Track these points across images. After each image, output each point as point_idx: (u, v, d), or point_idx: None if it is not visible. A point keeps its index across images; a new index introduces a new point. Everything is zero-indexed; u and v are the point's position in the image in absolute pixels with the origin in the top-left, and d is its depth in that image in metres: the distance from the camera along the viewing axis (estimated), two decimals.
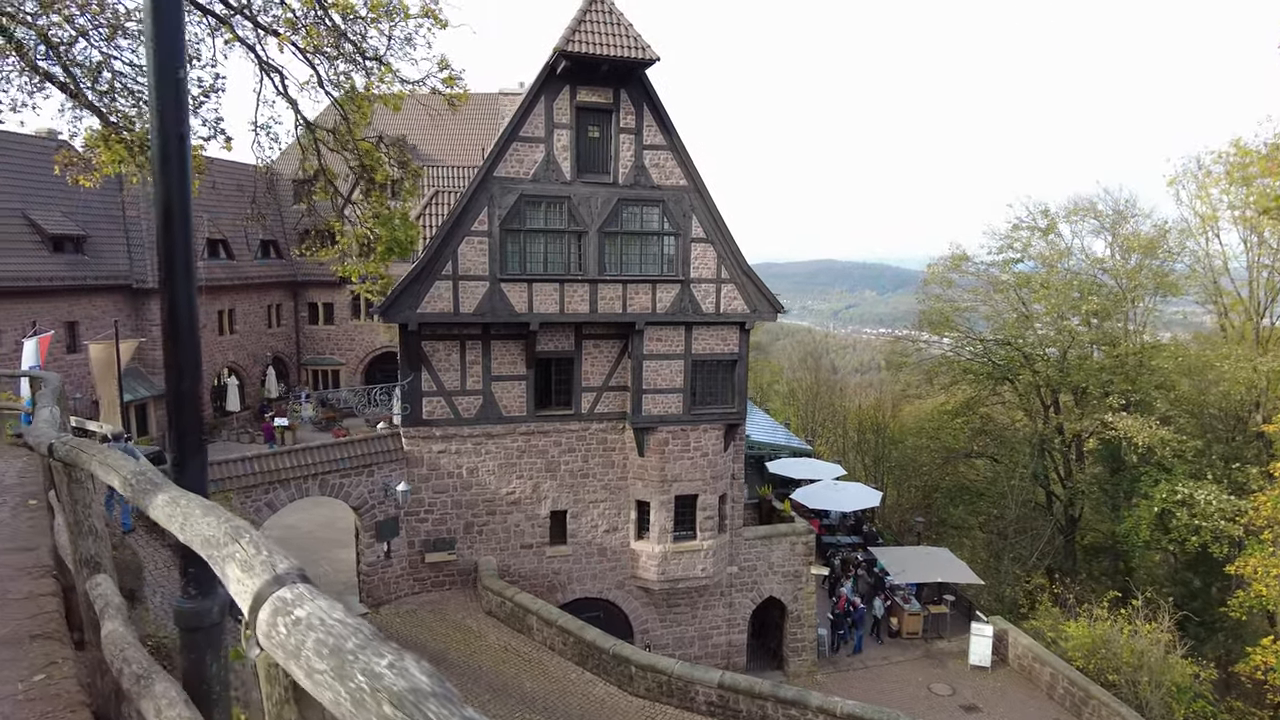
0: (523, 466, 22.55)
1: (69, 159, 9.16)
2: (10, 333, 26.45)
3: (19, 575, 5.52)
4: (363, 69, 8.86)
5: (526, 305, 21.05)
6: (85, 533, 3.29)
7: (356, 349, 39.65)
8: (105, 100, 8.89)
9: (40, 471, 9.64)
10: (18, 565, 5.75)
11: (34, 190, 28.87)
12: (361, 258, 10.27)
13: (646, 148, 21.31)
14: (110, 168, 10.17)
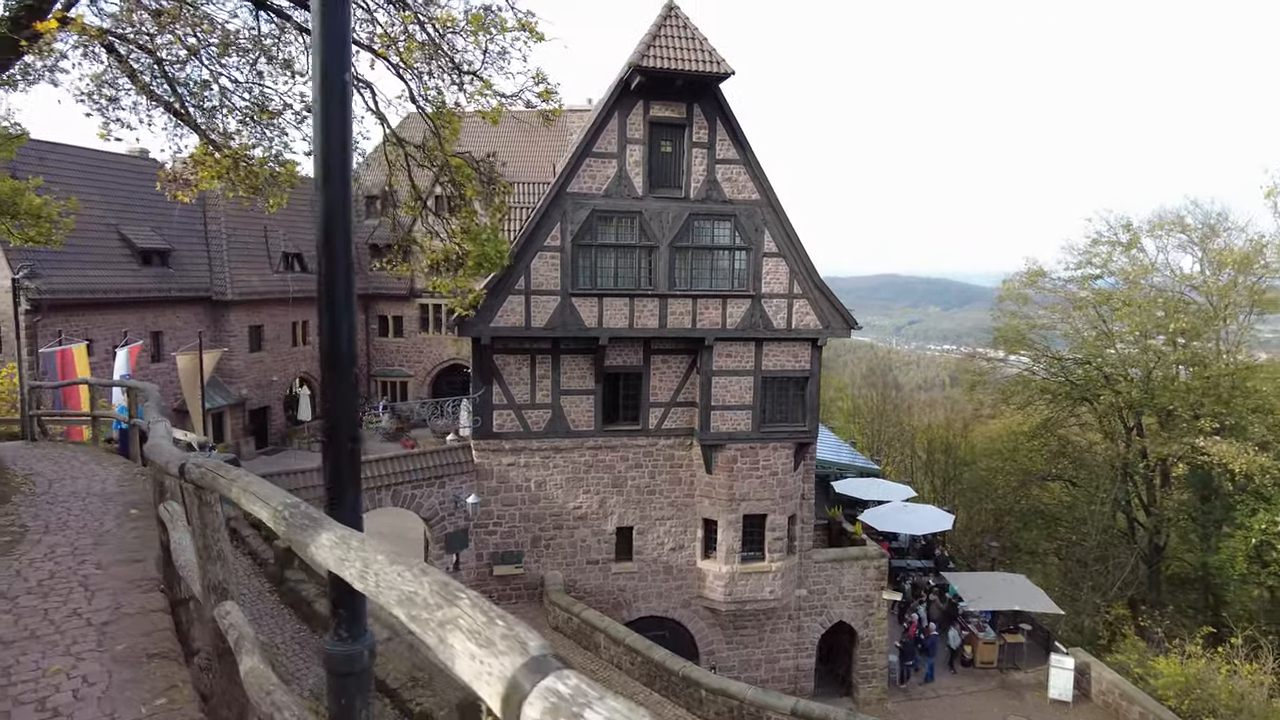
0: (590, 481, 22.45)
1: (174, 175, 9.40)
2: (102, 341, 27.56)
3: (129, 588, 5.54)
4: (456, 83, 8.88)
5: (596, 320, 21.00)
6: (214, 558, 3.21)
7: (424, 361, 40.28)
8: (208, 118, 9.12)
9: (143, 481, 9.88)
10: (128, 577, 5.78)
11: (126, 206, 30.15)
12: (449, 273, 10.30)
13: (719, 162, 21.12)
14: (207, 184, 10.40)
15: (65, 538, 7.13)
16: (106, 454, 13.24)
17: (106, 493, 9.18)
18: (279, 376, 35.10)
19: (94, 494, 9.13)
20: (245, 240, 33.89)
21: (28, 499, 8.83)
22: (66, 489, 9.37)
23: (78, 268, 27.00)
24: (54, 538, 7.15)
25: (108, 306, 28.00)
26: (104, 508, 8.43)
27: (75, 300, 26.49)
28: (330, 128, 2.23)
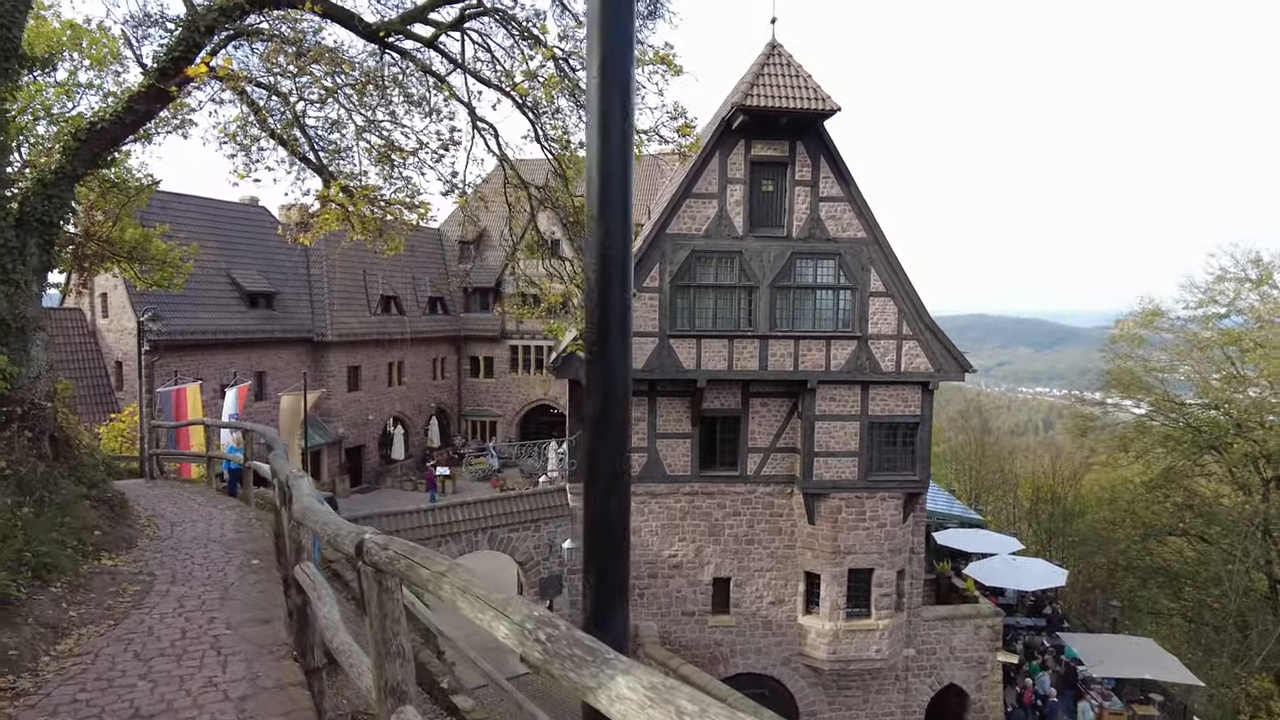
0: (685, 528, 21.71)
1: (300, 217, 9.40)
2: (210, 380, 28.56)
3: (262, 654, 5.18)
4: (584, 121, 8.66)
5: (694, 361, 20.46)
6: (393, 654, 2.74)
7: (513, 401, 40.47)
8: (335, 159, 9.11)
9: (259, 528, 9.76)
10: (259, 641, 5.43)
11: (236, 251, 31.49)
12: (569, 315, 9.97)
13: (823, 199, 20.48)
14: (328, 227, 10.39)
15: (192, 589, 6.91)
16: (219, 494, 13.31)
17: (226, 539, 9.04)
18: (374, 416, 35.73)
19: (214, 540, 9.00)
20: (345, 284, 34.89)
21: (153, 544, 8.75)
22: (188, 534, 9.29)
23: (191, 310, 28.18)
24: (181, 589, 6.94)
25: (216, 347, 29.08)
26: (225, 556, 8.25)
27: (187, 341, 27.60)
28: (609, 164, 1.75)
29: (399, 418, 37.52)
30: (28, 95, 15.01)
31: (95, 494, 9.10)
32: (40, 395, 8.35)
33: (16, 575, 6.16)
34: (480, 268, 41.30)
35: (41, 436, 8.36)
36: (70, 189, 8.69)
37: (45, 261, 8.55)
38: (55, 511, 7.63)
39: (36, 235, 8.42)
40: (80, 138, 8.63)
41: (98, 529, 8.27)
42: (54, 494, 7.93)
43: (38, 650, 5.20)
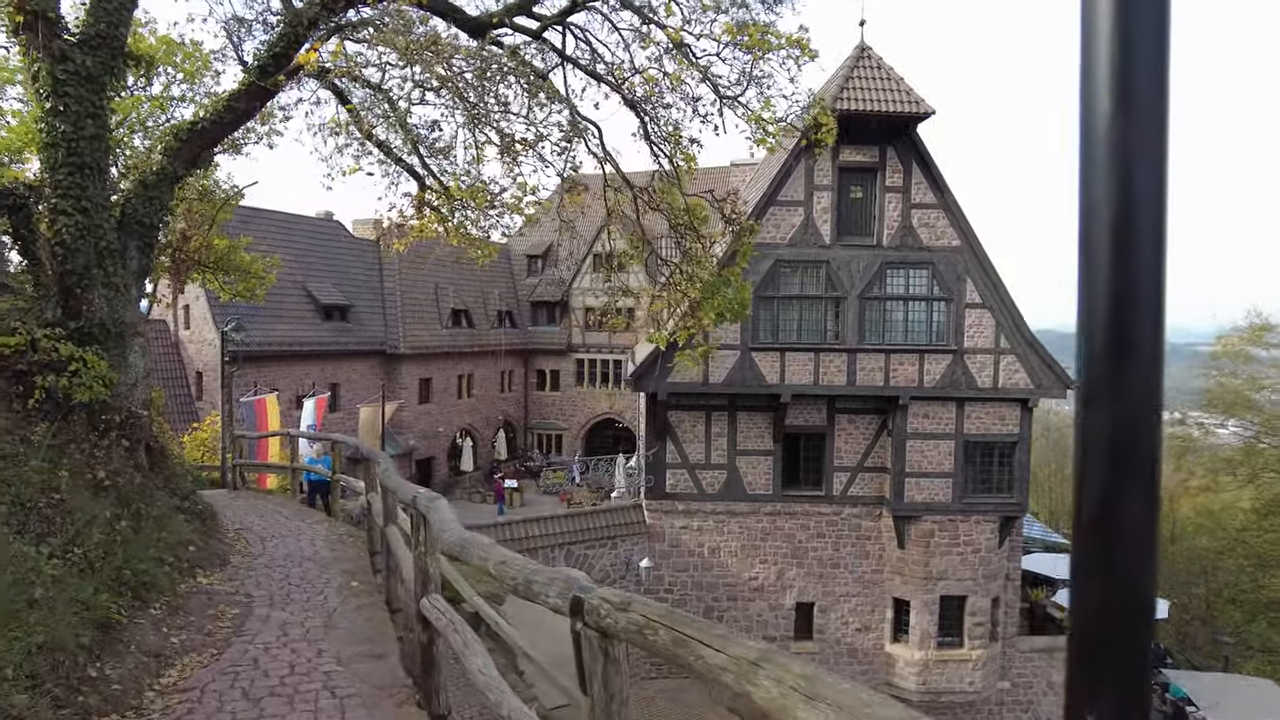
0: (767, 550, 20.79)
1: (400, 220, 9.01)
2: (286, 391, 28.78)
3: (381, 697, 4.59)
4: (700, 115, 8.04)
5: (778, 376, 19.63)
6: None
7: (579, 415, 40.05)
8: (438, 159, 8.69)
9: (352, 545, 9.32)
10: (375, 681, 4.85)
11: (311, 264, 31.82)
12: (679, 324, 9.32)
13: (915, 206, 19.51)
14: (425, 234, 9.97)
15: (293, 615, 6.42)
16: (303, 507, 13.01)
17: (319, 557, 8.60)
18: (444, 428, 35.67)
19: (307, 558, 8.57)
20: (417, 297, 35.01)
21: (245, 560, 8.36)
22: (279, 550, 8.88)
23: (268, 321, 28.47)
24: (281, 614, 6.46)
25: (292, 358, 29.32)
26: (322, 576, 7.79)
27: (264, 352, 27.85)
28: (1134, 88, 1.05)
29: (468, 430, 37.41)
30: (125, 108, 15.13)
31: (187, 506, 8.76)
32: (137, 403, 8.05)
33: (118, 596, 5.75)
34: (547, 281, 41.12)
35: (138, 446, 8.04)
36: (170, 191, 8.43)
37: (144, 266, 8.28)
38: (152, 525, 7.26)
39: (137, 238, 8.16)
40: (181, 138, 8.37)
41: (192, 544, 7.89)
42: (150, 506, 7.58)
43: (141, 683, 4.72)
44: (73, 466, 6.82)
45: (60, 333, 7.28)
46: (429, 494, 4.37)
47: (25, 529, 5.62)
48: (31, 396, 7.01)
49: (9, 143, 13.34)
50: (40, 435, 6.53)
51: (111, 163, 7.99)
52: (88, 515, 6.33)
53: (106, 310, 7.73)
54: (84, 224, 7.46)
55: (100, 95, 7.59)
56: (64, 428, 7.32)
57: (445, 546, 3.37)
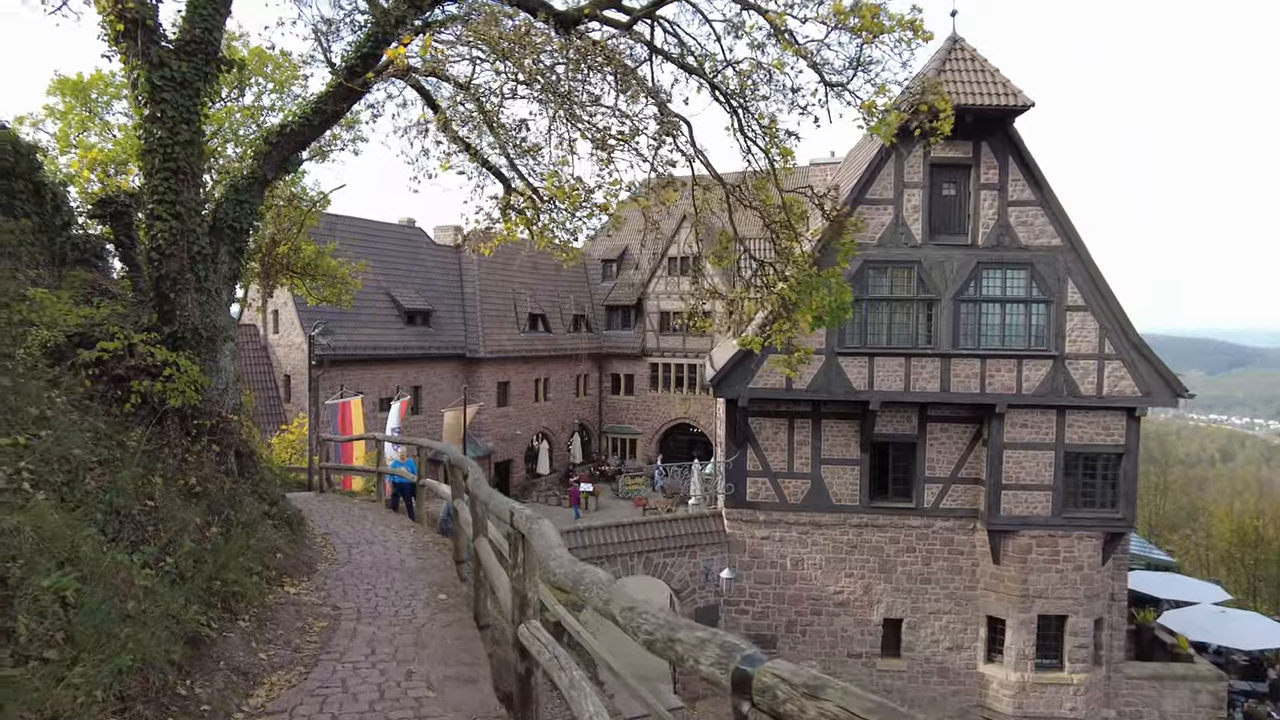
0: (853, 563, 19.95)
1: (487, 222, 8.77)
2: (369, 394, 29.32)
3: None
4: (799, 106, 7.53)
5: (866, 382, 18.80)
6: None
7: (653, 419, 39.72)
8: (527, 159, 8.42)
9: (437, 553, 9.11)
10: (469, 711, 4.51)
11: (395, 270, 32.39)
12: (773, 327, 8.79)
13: (1012, 204, 18.43)
14: (509, 236, 9.72)
15: (380, 630, 6.17)
16: (388, 511, 12.95)
17: (406, 566, 8.39)
18: (522, 431, 35.84)
19: (393, 566, 8.38)
20: (495, 302, 35.29)
21: (332, 568, 8.22)
22: (366, 558, 8.73)
23: (353, 326, 29.06)
24: (369, 628, 6.22)
25: (375, 362, 29.87)
26: (409, 587, 7.56)
27: (350, 356, 28.42)
28: None
29: (544, 433, 37.52)
30: (219, 118, 15.51)
31: (275, 512, 8.68)
32: (227, 408, 7.99)
33: (208, 608, 5.59)
34: (622, 285, 40.96)
35: (228, 451, 7.98)
36: (260, 195, 8.39)
37: (235, 270, 8.25)
38: (241, 532, 7.15)
39: (228, 243, 8.13)
40: (271, 141, 8.32)
41: (279, 551, 7.78)
42: (239, 512, 7.48)
43: (230, 704, 4.50)
44: (165, 472, 6.74)
45: (155, 337, 7.25)
46: (529, 512, 4.01)
47: (120, 536, 5.51)
48: (128, 401, 6.98)
49: (113, 155, 13.82)
50: (135, 440, 6.46)
51: (205, 169, 7.98)
52: (180, 523, 6.22)
53: (199, 315, 7.69)
54: (177, 229, 7.43)
55: (194, 100, 7.56)
56: (158, 433, 7.28)
57: (554, 579, 2.98)
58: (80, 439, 6.06)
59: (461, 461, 7.25)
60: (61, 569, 4.43)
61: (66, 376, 6.86)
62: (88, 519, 5.31)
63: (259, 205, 8.37)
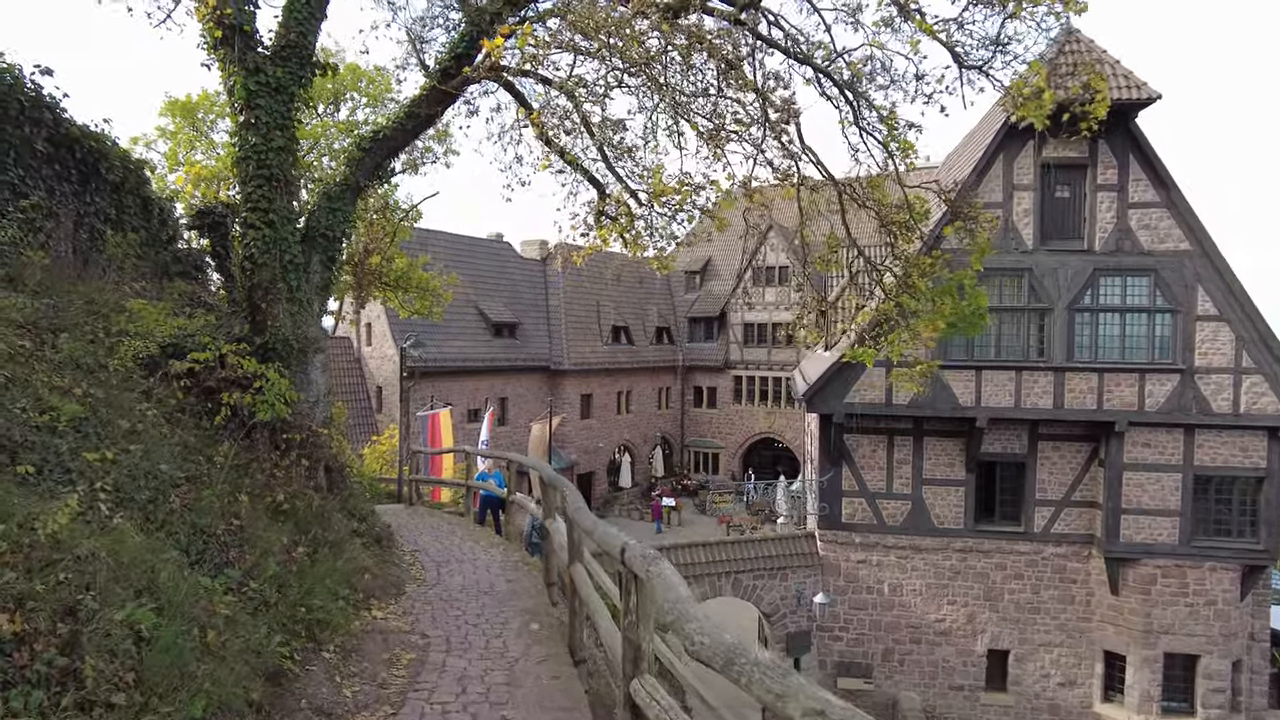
0: (956, 590, 18.62)
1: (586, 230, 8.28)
2: (457, 406, 29.46)
3: None
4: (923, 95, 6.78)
5: (972, 397, 17.55)
6: None
7: (736, 433, 38.76)
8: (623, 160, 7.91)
9: (526, 575, 8.62)
10: None
11: (483, 284, 32.59)
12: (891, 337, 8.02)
13: (1133, 206, 16.94)
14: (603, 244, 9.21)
15: (471, 664, 5.67)
16: (477, 527, 12.60)
17: (496, 590, 7.92)
18: (604, 443, 35.49)
19: (483, 590, 7.91)
20: (579, 315, 35.15)
21: (420, 590, 7.81)
22: (455, 579, 8.30)
23: (443, 338, 29.30)
24: (459, 661, 5.72)
25: (463, 374, 30.03)
26: (500, 614, 7.06)
27: (439, 368, 28.63)
28: None
29: (626, 446, 37.08)
30: (315, 133, 15.67)
31: (365, 529, 8.36)
32: (317, 421, 7.71)
33: (293, 637, 5.18)
34: (705, 297, 40.26)
35: (317, 466, 7.69)
36: (352, 202, 8.13)
37: (326, 280, 8.00)
38: (328, 553, 6.79)
39: (320, 252, 7.88)
40: (363, 147, 8.06)
41: (367, 571, 7.41)
42: (327, 531, 7.15)
43: None
44: (253, 489, 6.44)
45: (246, 348, 7.00)
46: (647, 550, 3.38)
47: (204, 559, 5.17)
48: (218, 414, 6.73)
49: (216, 170, 14.06)
50: (223, 455, 6.17)
51: (298, 178, 7.75)
52: (266, 543, 5.87)
53: (290, 325, 7.43)
54: (270, 237, 7.19)
55: (289, 106, 7.33)
56: (247, 447, 7.02)
57: (694, 649, 2.35)
58: (169, 453, 5.79)
59: (557, 481, 6.71)
60: (138, 599, 4.06)
61: (159, 388, 6.66)
62: (171, 540, 4.99)
63: (352, 213, 8.10)
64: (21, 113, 7.75)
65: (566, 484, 6.25)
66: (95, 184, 9.27)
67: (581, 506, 5.25)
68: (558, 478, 6.86)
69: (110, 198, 9.62)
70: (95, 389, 5.70)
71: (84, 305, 6.94)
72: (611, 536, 3.94)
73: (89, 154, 9.04)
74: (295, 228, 7.54)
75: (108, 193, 9.56)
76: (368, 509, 8.87)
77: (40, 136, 7.99)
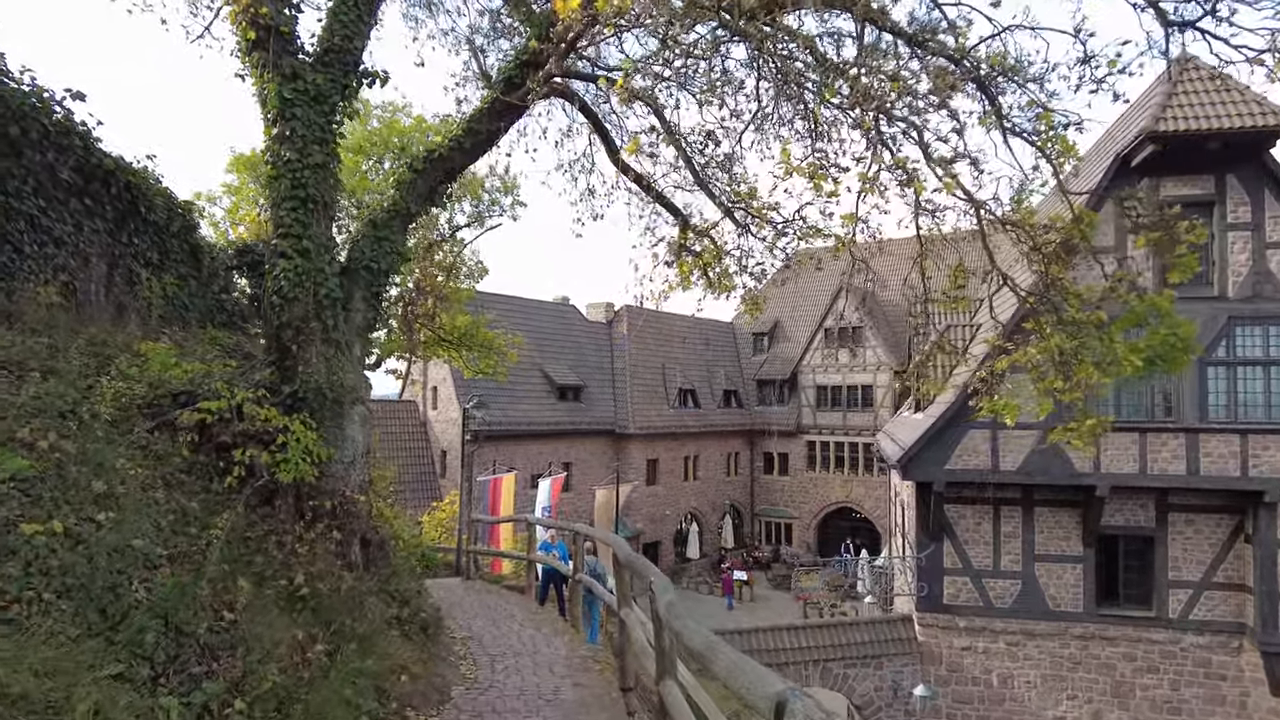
0: (1076, 683, 16.01)
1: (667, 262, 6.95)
2: (522, 470, 28.16)
3: None
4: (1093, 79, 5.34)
5: (1090, 462, 15.32)
6: None
7: (810, 502, 36.32)
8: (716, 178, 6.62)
9: (597, 678, 6.99)
10: None
11: (548, 347, 31.66)
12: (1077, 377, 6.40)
13: (1270, 246, 14.83)
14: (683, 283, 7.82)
15: None
16: (537, 609, 11.01)
17: (561, 698, 6.31)
18: (671, 511, 33.58)
19: (545, 697, 6.31)
20: (645, 377, 33.82)
21: (469, 696, 6.26)
22: (512, 680, 6.72)
23: (507, 401, 28.25)
24: None
25: (529, 438, 28.82)
26: None
27: (503, 431, 27.51)
28: None
29: (693, 514, 35.05)
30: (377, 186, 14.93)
31: (408, 613, 6.90)
32: (353, 486, 6.36)
33: None
34: (774, 359, 38.50)
35: (351, 539, 6.32)
36: (403, 231, 6.98)
37: (370, 320, 6.79)
38: (356, 650, 5.33)
39: (363, 286, 6.70)
40: (416, 168, 6.94)
41: (405, 671, 5.91)
42: (358, 621, 5.71)
43: None
44: (264, 569, 5.07)
45: (267, 396, 5.74)
46: (790, 687, 1.86)
47: (169, 671, 3.77)
48: (230, 474, 5.45)
49: None
50: (221, 527, 4.83)
51: (337, 202, 6.62)
52: (268, 643, 4.45)
53: (324, 371, 6.18)
54: (303, 267, 6.01)
55: (329, 118, 6.25)
56: (265, 516, 5.69)
57: None
58: (151, 525, 4.47)
59: (637, 564, 5.16)
60: None
61: (160, 443, 5.43)
62: (126, 649, 3.62)
63: (402, 244, 6.93)
64: (46, 138, 6.90)
65: (652, 569, 4.70)
66: (134, 224, 8.37)
67: (676, 607, 3.69)
68: (638, 559, 5.31)
69: (152, 240, 8.72)
70: (66, 441, 4.46)
71: (86, 346, 5.83)
72: (750, 675, 2.37)
73: (126, 190, 8.18)
74: (334, 258, 6.38)
75: (150, 235, 8.67)
76: (414, 589, 7.42)
77: (66, 165, 7.11)
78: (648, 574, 4.67)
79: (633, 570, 5.40)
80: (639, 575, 5.04)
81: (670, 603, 3.81)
